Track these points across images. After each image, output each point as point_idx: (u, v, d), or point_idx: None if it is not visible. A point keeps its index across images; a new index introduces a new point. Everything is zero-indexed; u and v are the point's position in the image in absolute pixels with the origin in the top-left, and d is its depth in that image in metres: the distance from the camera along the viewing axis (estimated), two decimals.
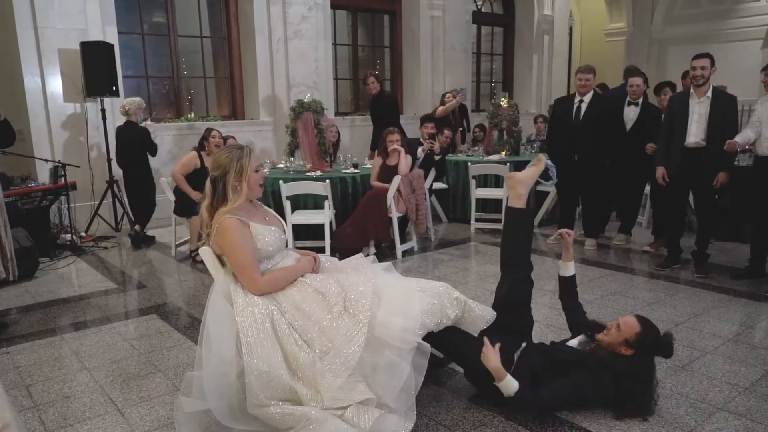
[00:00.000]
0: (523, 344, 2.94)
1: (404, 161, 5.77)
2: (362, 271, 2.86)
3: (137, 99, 6.62)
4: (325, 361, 2.45)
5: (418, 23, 10.32)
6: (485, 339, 2.71)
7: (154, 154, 6.77)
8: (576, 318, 3.30)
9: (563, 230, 3.26)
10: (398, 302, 2.61)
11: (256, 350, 2.45)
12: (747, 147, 5.10)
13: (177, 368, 3.40)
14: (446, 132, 7.51)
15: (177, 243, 6.15)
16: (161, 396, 3.07)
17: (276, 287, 2.68)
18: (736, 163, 5.44)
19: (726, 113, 4.85)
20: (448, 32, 10.45)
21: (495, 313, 2.92)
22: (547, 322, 3.98)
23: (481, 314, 2.84)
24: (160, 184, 6.27)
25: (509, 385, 2.65)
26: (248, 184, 2.71)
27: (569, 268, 3.36)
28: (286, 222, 5.26)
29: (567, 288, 3.39)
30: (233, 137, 6.81)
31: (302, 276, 2.75)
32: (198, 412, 2.53)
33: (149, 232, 6.81)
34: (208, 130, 6.04)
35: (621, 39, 13.74)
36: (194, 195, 5.62)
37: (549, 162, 3.02)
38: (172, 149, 7.93)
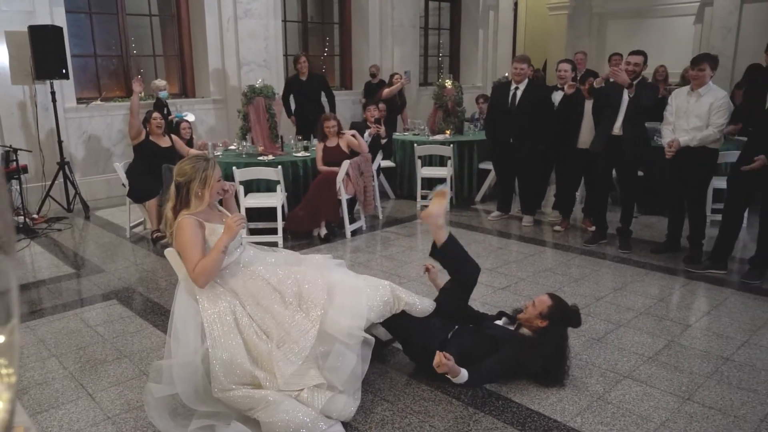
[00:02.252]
0: (456, 326, 3.33)
1: (362, 140, 6.13)
2: (320, 268, 3.19)
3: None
4: (281, 350, 2.78)
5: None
6: (438, 353, 3.02)
7: None
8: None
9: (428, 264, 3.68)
10: (348, 301, 2.99)
11: (220, 341, 2.76)
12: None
13: (142, 353, 3.66)
14: (381, 105, 7.78)
15: (132, 225, 6.29)
16: (129, 380, 3.34)
17: (210, 270, 2.85)
18: (659, 143, 5.88)
19: (645, 104, 5.26)
20: (396, 8, 10.62)
21: (434, 304, 3.32)
22: (483, 300, 4.37)
23: (421, 308, 3.23)
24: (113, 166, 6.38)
25: (461, 377, 3.04)
26: (210, 193, 2.96)
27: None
28: (239, 206, 5.53)
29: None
30: (187, 120, 6.94)
31: (262, 271, 3.04)
32: (166, 396, 2.82)
33: (101, 214, 6.92)
34: (150, 113, 6.18)
35: (563, 13, 14.15)
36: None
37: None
38: (123, 129, 7.96)
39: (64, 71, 6.76)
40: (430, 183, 7.45)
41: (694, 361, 3.50)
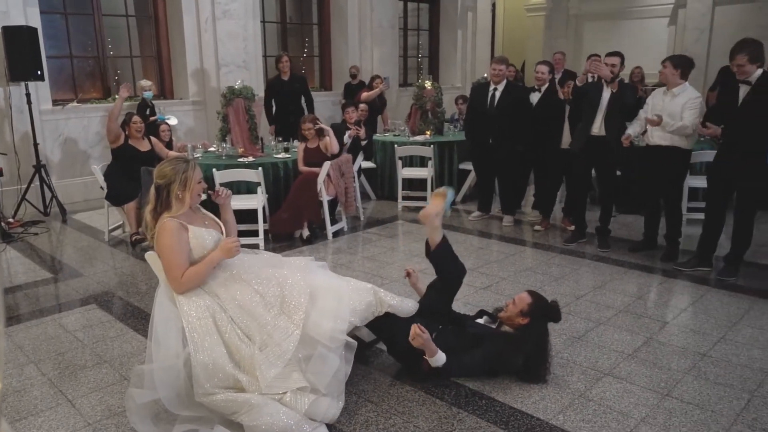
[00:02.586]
0: (440, 326, 3.35)
1: (334, 140, 6.07)
2: (302, 271, 3.17)
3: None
4: (264, 353, 2.77)
5: (346, 0, 10.45)
6: (414, 325, 3.07)
7: None
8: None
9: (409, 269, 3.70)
10: (330, 304, 2.98)
11: (201, 345, 2.74)
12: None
13: (122, 358, 3.62)
14: (362, 106, 7.80)
15: (110, 228, 6.22)
16: (110, 386, 3.30)
17: (196, 281, 2.90)
18: (637, 143, 5.95)
19: (627, 102, 5.34)
20: (375, 9, 10.63)
21: (417, 305, 3.34)
22: (465, 300, 4.40)
23: (405, 310, 3.25)
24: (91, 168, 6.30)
25: (438, 358, 3.08)
26: (190, 195, 2.94)
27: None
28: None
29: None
30: (166, 123, 6.89)
31: (244, 274, 3.02)
32: (148, 401, 2.80)
33: (79, 217, 6.83)
34: (129, 115, 6.11)
35: (541, 14, 14.30)
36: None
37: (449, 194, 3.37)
38: (100, 131, 7.86)
39: (39, 73, 6.67)
40: (411, 184, 7.48)
41: (672, 357, 3.55)
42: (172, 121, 7.55)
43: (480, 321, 3.50)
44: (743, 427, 2.86)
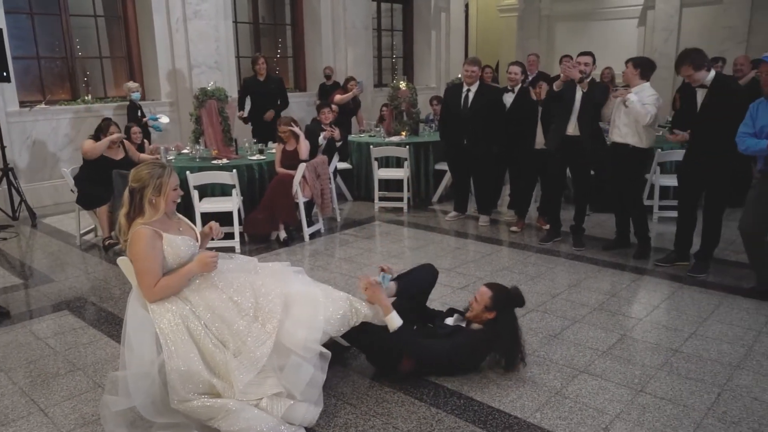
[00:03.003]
0: (414, 327, 3.37)
1: (304, 146, 6.02)
2: (277, 277, 3.14)
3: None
4: (238, 359, 2.74)
5: (319, 1, 10.42)
6: (362, 276, 3.07)
7: None
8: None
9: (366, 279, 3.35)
10: (305, 313, 2.96)
11: (176, 351, 2.70)
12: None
13: (96, 365, 3.56)
14: (333, 107, 7.75)
15: (82, 232, 6.12)
16: (83, 393, 3.24)
17: (168, 292, 2.87)
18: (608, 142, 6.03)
19: (598, 101, 5.41)
20: (348, 10, 10.62)
21: None
22: (442, 300, 4.41)
23: (380, 318, 3.23)
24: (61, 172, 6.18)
25: (394, 320, 3.12)
26: (165, 201, 2.90)
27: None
28: (194, 212, 5.44)
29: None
30: (159, 121, 6.83)
31: (218, 281, 2.98)
32: (124, 409, 2.75)
33: (49, 221, 6.69)
34: (107, 122, 5.96)
35: (513, 15, 14.41)
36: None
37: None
38: (69, 133, 7.75)
39: (5, 74, 6.52)
40: (388, 184, 7.48)
41: (645, 353, 3.61)
42: (164, 119, 7.45)
43: (450, 320, 3.50)
44: (714, 420, 2.92)
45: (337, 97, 8.51)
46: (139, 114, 7.53)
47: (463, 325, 3.45)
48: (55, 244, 6.13)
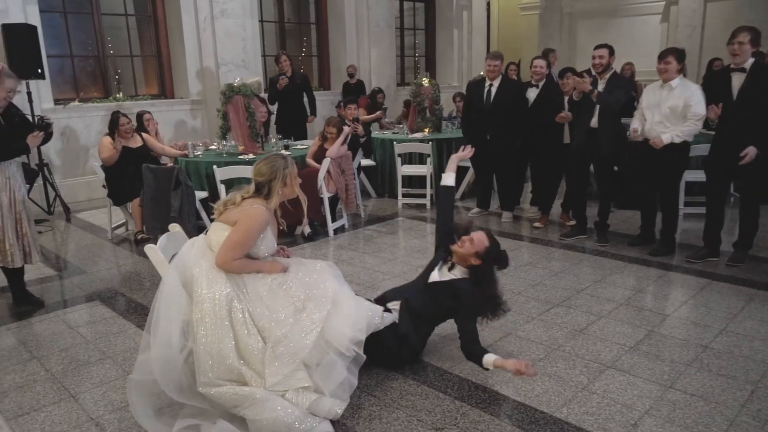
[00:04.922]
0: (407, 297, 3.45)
1: (337, 145, 6.07)
2: (324, 275, 3.16)
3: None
4: (276, 351, 2.76)
5: (343, 0, 10.46)
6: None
7: None
8: (445, 226, 3.80)
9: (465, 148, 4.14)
10: (352, 314, 2.99)
11: (212, 334, 2.73)
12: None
13: (125, 353, 3.63)
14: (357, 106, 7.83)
15: (113, 226, 6.23)
16: (112, 381, 3.30)
17: (237, 270, 2.96)
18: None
19: (618, 97, 5.33)
20: (372, 9, 10.66)
21: (394, 317, 3.33)
22: None
23: (389, 319, 3.27)
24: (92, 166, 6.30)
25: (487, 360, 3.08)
26: (292, 189, 3.15)
27: (450, 179, 3.90)
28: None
29: (447, 197, 3.95)
30: (148, 112, 6.87)
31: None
32: (151, 395, 2.79)
33: (83, 216, 6.81)
34: (116, 115, 6.05)
35: (535, 13, 14.34)
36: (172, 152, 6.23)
37: None
38: (102, 130, 7.84)
39: (39, 71, 6.67)
40: (411, 181, 7.49)
41: (674, 349, 3.56)
42: None
43: (435, 274, 3.50)
44: (748, 418, 2.86)
45: (363, 117, 8.52)
46: None
47: (446, 269, 3.48)
48: (88, 238, 6.26)
